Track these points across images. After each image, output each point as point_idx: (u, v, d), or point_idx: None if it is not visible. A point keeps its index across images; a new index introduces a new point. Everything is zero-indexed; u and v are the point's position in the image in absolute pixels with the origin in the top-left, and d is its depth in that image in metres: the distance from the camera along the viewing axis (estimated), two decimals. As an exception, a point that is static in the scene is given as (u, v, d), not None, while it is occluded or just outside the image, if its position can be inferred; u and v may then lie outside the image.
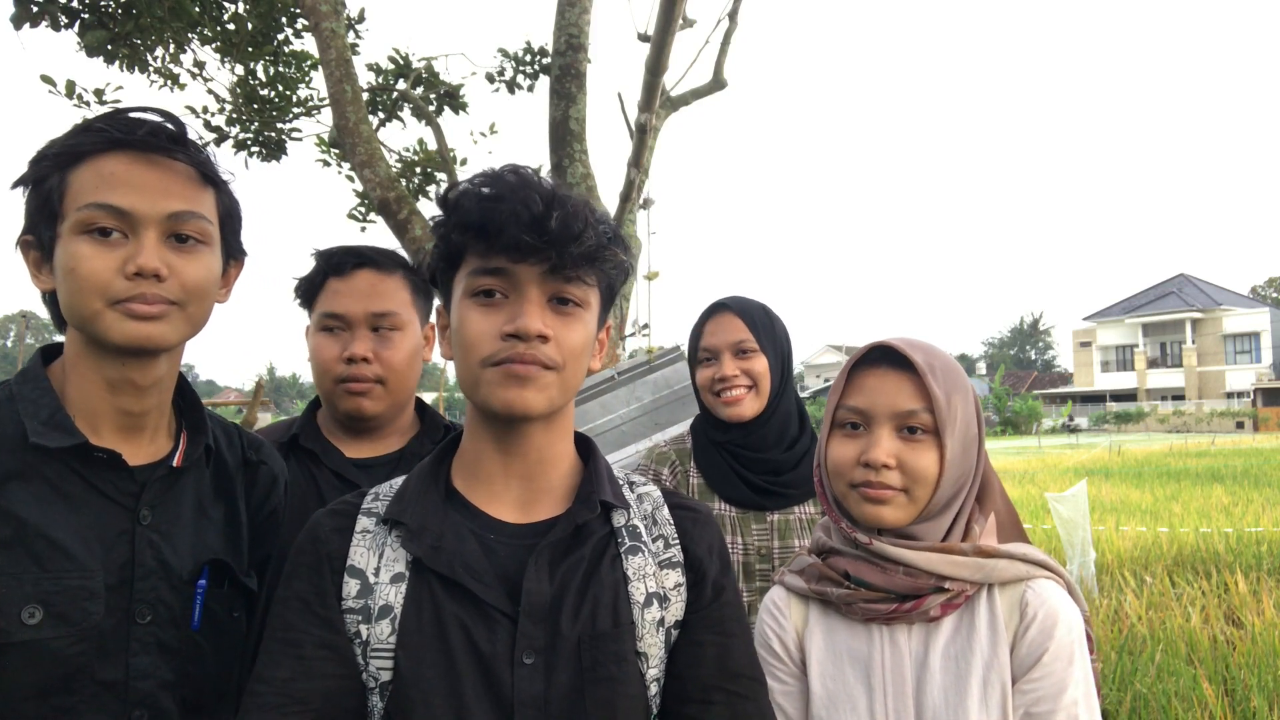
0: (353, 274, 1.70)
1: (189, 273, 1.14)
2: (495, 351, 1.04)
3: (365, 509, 1.12)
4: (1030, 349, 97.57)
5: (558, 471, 1.14)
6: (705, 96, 5.17)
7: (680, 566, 1.15)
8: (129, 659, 1.11)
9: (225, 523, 1.28)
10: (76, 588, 1.07)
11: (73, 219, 1.09)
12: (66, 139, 1.12)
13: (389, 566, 1.06)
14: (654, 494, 1.21)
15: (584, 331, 1.08)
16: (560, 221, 1.01)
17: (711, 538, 1.19)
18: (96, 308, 1.09)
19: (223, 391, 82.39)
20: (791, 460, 1.94)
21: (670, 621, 1.12)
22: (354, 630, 1.04)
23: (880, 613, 1.23)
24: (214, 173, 1.19)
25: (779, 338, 1.98)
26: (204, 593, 1.19)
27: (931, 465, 1.22)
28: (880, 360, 1.27)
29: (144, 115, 1.13)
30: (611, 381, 3.87)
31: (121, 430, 1.18)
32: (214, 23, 6.19)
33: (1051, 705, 1.15)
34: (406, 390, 1.76)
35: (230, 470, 1.32)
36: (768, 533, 1.89)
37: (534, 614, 1.04)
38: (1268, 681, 4.05)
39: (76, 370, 1.16)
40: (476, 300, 1.05)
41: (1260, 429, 43.17)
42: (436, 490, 1.12)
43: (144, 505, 1.16)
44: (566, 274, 1.04)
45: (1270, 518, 9.32)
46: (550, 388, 1.06)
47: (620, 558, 1.11)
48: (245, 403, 13.47)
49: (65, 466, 1.11)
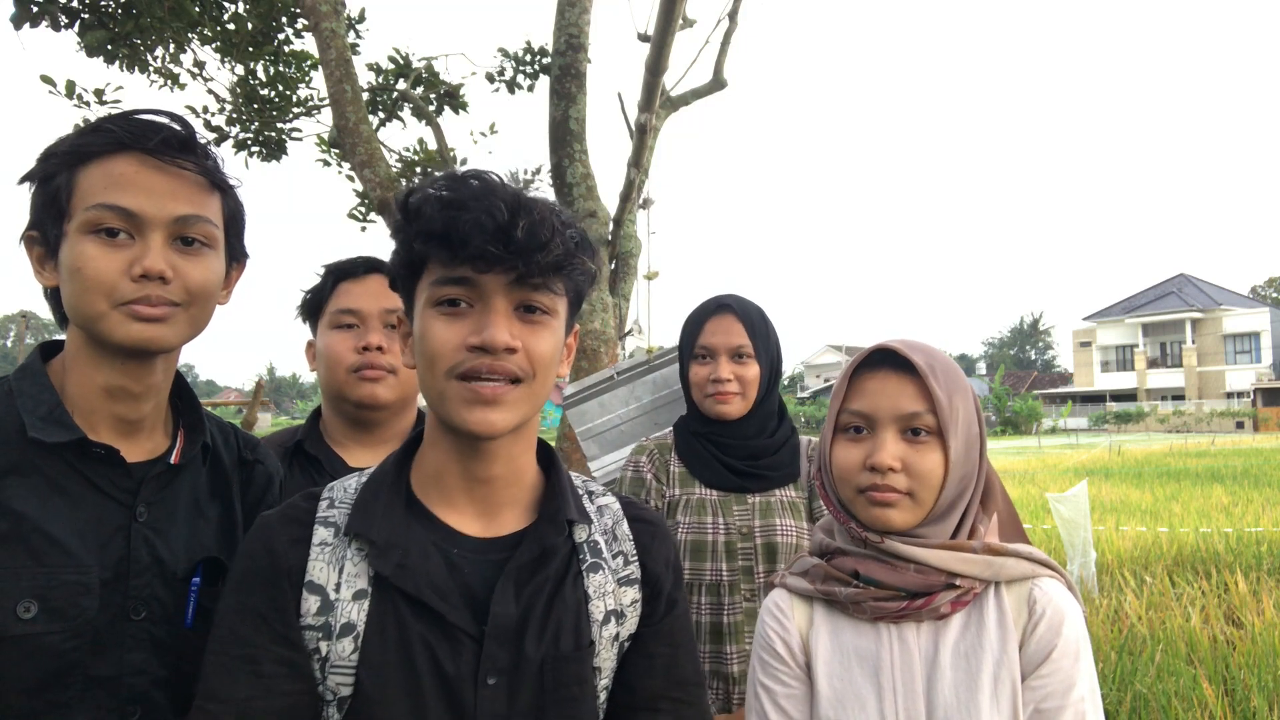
0: (365, 277, 1.77)
1: (194, 275, 1.15)
2: (460, 362, 1.01)
3: (321, 518, 1.08)
4: (1030, 349, 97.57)
5: (520, 484, 1.13)
6: (705, 96, 5.17)
7: (638, 583, 1.16)
8: (123, 655, 1.11)
9: (220, 521, 1.28)
10: (72, 583, 1.07)
11: (80, 218, 1.09)
12: (77, 138, 1.13)
13: (350, 582, 1.03)
14: (613, 506, 1.21)
15: (552, 340, 1.06)
16: (526, 231, 0.97)
17: (668, 552, 1.21)
18: (101, 308, 1.10)
19: (223, 391, 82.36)
20: (772, 447, 2.00)
21: (624, 636, 1.14)
22: (313, 646, 1.02)
23: (890, 611, 1.23)
24: (221, 177, 1.20)
25: (772, 346, 2.03)
26: (198, 590, 1.19)
27: (936, 467, 1.22)
28: (882, 363, 1.27)
29: (155, 118, 1.14)
30: (611, 381, 3.87)
31: (119, 426, 1.18)
32: (214, 23, 6.19)
33: (1060, 701, 1.17)
34: (413, 386, 1.79)
35: (226, 469, 1.32)
36: (749, 513, 1.94)
37: (499, 636, 1.03)
38: (1268, 681, 4.05)
39: (76, 368, 1.16)
40: (440, 309, 1.02)
41: (1260, 429, 43.17)
42: (398, 500, 1.09)
43: (140, 502, 1.16)
44: (533, 282, 1.01)
45: (1270, 518, 9.32)
46: (519, 403, 1.04)
47: (582, 575, 1.11)
48: (245, 403, 13.48)
49: (63, 462, 1.11)
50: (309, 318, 1.83)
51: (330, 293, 1.77)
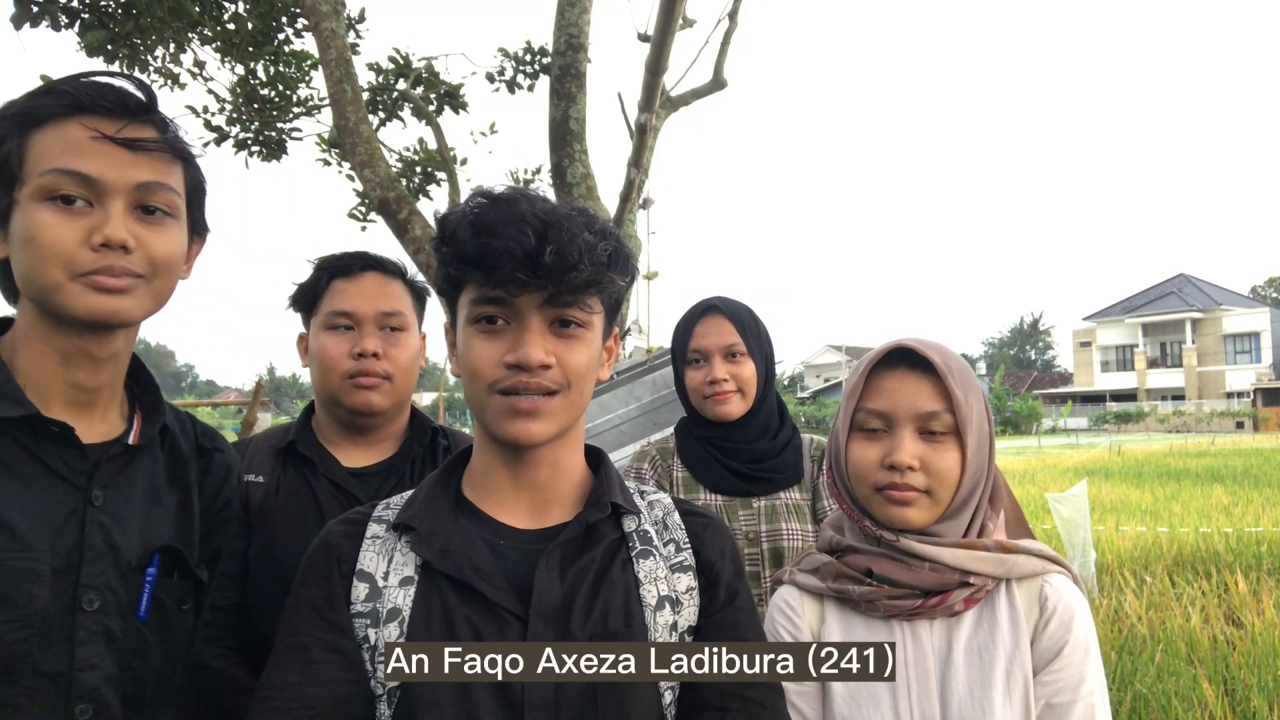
0: (360, 275, 1.73)
1: (156, 245, 1.08)
2: (499, 379, 1.04)
3: (376, 517, 1.13)
4: (1030, 349, 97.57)
5: (568, 481, 1.14)
6: (705, 96, 5.16)
7: (692, 570, 1.14)
8: (74, 649, 1.04)
9: (178, 510, 1.21)
10: (21, 569, 1.01)
11: (34, 184, 1.02)
12: (28, 100, 1.06)
13: (398, 570, 1.06)
14: (664, 500, 1.21)
15: (588, 351, 1.08)
16: (555, 255, 0.99)
17: (724, 542, 1.18)
18: (58, 279, 1.03)
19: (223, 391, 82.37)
20: (775, 449, 1.98)
21: (684, 626, 1.11)
22: (362, 635, 1.04)
23: (904, 609, 1.24)
24: (183, 145, 1.13)
25: (764, 342, 2.02)
26: (153, 581, 1.13)
27: (954, 465, 1.23)
28: (899, 362, 1.27)
29: (112, 81, 1.08)
30: (610, 381, 3.87)
31: (73, 406, 1.11)
32: (214, 23, 6.19)
33: (1071, 696, 1.18)
34: (408, 390, 1.77)
35: (185, 456, 1.25)
36: (754, 518, 1.92)
37: (545, 614, 1.03)
38: (1268, 681, 4.05)
39: (28, 343, 1.10)
40: (479, 327, 1.06)
41: (1260, 429, 43.16)
42: (447, 497, 1.12)
43: (96, 485, 1.09)
44: (565, 299, 1.03)
45: (1270, 518, 9.32)
46: (557, 413, 1.06)
47: (631, 561, 1.11)
48: (245, 403, 13.44)
49: (13, 441, 1.05)
50: (301, 311, 1.79)
51: (324, 290, 1.73)
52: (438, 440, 1.83)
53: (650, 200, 5.03)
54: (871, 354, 1.32)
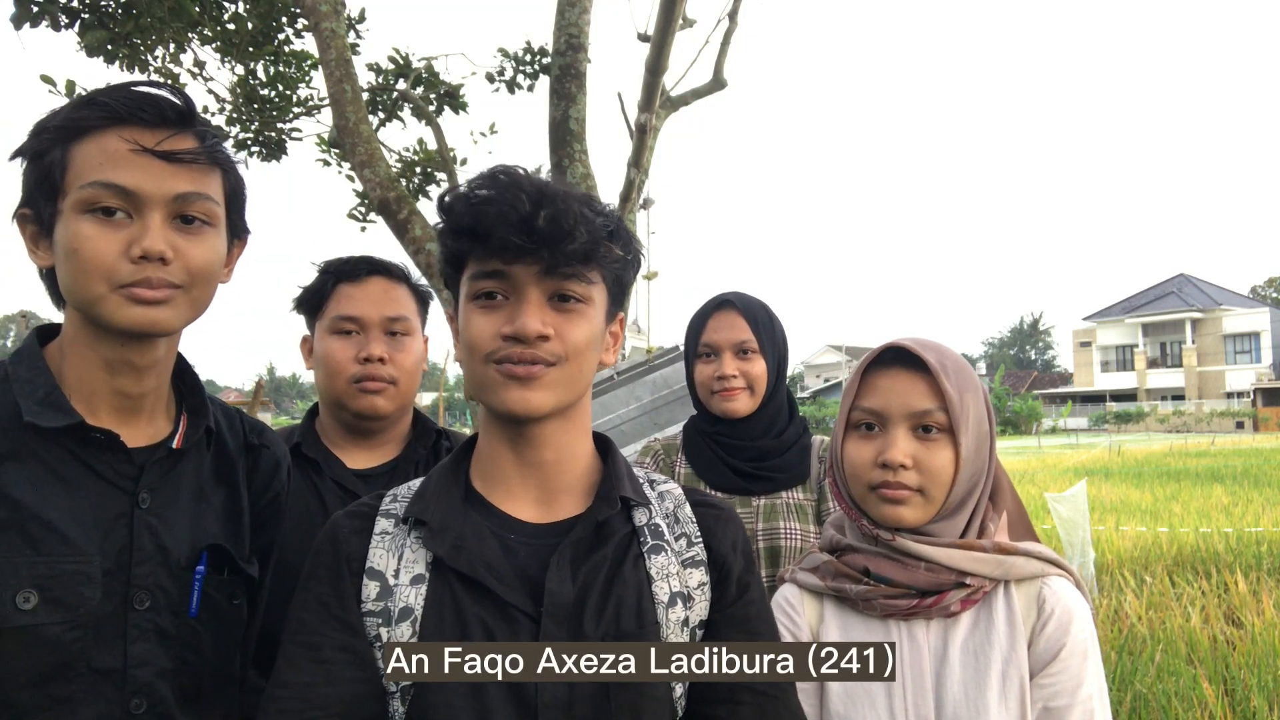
0: (366, 280, 1.75)
1: (195, 255, 1.10)
2: (495, 350, 1.03)
3: (384, 510, 1.12)
4: (1030, 349, 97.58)
5: (575, 470, 1.13)
6: (705, 96, 5.17)
7: (704, 565, 1.14)
8: (127, 646, 1.08)
9: (225, 507, 1.25)
10: (73, 572, 1.05)
11: (75, 196, 1.05)
12: (71, 111, 1.08)
13: (409, 568, 1.05)
14: (675, 491, 1.20)
15: (588, 327, 1.07)
16: (549, 220, 0.99)
17: (735, 535, 1.17)
18: (100, 291, 1.05)
19: (223, 391, 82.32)
20: (780, 447, 1.97)
21: (695, 621, 1.11)
22: (374, 634, 1.03)
23: (900, 608, 1.24)
24: (221, 153, 1.15)
25: (778, 340, 2.00)
26: (202, 579, 1.16)
27: (947, 464, 1.23)
28: (893, 361, 1.28)
29: (151, 91, 1.09)
30: (611, 381, 3.88)
31: (119, 412, 1.14)
32: (214, 23, 6.19)
33: (1069, 700, 1.18)
34: (412, 393, 1.79)
35: (231, 454, 1.29)
36: (753, 516, 1.92)
37: (556, 614, 1.02)
38: (1268, 681, 4.05)
39: (74, 350, 1.12)
40: (478, 302, 1.05)
41: (1260, 429, 43.19)
42: (456, 489, 1.11)
43: (143, 488, 1.13)
44: (564, 271, 1.03)
45: (1270, 518, 9.32)
46: (555, 385, 1.04)
47: (643, 557, 1.10)
48: (245, 403, 13.44)
49: (61, 448, 1.08)
50: (306, 313, 1.81)
51: (330, 294, 1.75)
52: (441, 443, 1.85)
53: (650, 200, 5.05)
54: (868, 353, 1.33)
